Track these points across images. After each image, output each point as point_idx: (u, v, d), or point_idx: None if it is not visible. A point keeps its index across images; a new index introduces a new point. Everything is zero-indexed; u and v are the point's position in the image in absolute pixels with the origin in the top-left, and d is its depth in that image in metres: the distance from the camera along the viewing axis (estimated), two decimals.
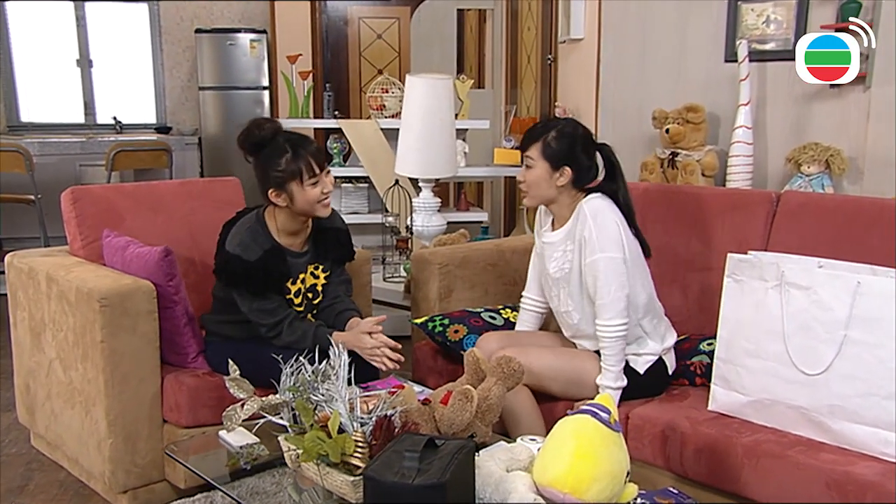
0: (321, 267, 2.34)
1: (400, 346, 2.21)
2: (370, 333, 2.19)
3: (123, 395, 2.17)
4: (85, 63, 6.57)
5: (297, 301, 2.30)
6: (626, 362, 2.13)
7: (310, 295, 2.33)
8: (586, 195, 2.14)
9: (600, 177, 2.18)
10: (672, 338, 2.22)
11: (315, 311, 2.36)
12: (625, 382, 2.09)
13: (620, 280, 2.04)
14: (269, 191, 2.18)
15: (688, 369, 2.23)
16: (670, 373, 2.21)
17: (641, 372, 2.14)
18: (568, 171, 2.09)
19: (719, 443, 1.88)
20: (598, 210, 2.07)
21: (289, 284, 2.27)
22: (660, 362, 2.17)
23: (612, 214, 2.08)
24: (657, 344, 2.16)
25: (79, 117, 6.59)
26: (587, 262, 2.07)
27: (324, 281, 2.36)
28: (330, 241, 2.35)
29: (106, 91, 6.64)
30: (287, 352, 2.11)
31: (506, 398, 2.03)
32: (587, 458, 1.44)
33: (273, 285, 2.20)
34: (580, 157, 2.11)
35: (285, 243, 2.25)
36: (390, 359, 2.17)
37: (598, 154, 2.16)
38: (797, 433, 1.87)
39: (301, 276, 2.29)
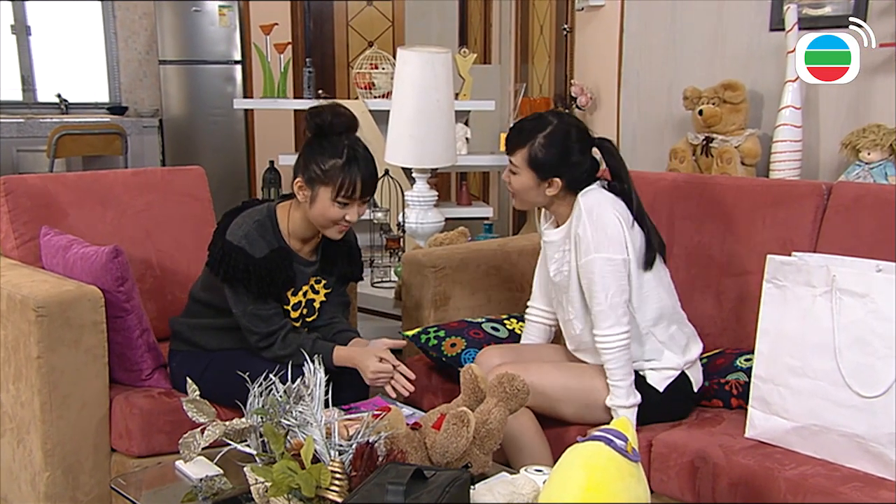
0: (323, 282, 2.37)
1: (414, 377, 2.21)
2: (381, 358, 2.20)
3: (63, 420, 2.17)
4: (22, 30, 6.56)
5: (294, 315, 2.32)
6: (644, 378, 2.14)
7: (305, 311, 2.36)
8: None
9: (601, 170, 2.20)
10: (697, 349, 2.22)
11: (307, 330, 2.38)
12: (638, 399, 2.09)
13: (620, 283, 2.06)
14: (297, 180, 2.22)
15: (722, 389, 2.23)
16: (695, 390, 2.21)
17: (661, 389, 2.14)
18: (558, 181, 2.12)
19: (758, 476, 1.88)
20: (594, 204, 2.09)
21: (289, 295, 2.29)
22: (682, 378, 2.17)
23: (612, 209, 2.09)
24: (677, 356, 2.16)
25: (15, 94, 6.58)
26: (581, 262, 2.09)
27: (323, 298, 2.38)
28: (339, 256, 2.39)
29: (48, 64, 6.64)
30: (272, 365, 2.13)
31: (508, 423, 2.03)
32: (600, 492, 1.43)
33: (275, 290, 2.23)
34: (573, 164, 2.12)
35: (294, 247, 2.29)
36: (404, 386, 2.19)
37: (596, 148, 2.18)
38: (851, 466, 1.86)
39: (304, 287, 2.32)
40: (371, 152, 2.27)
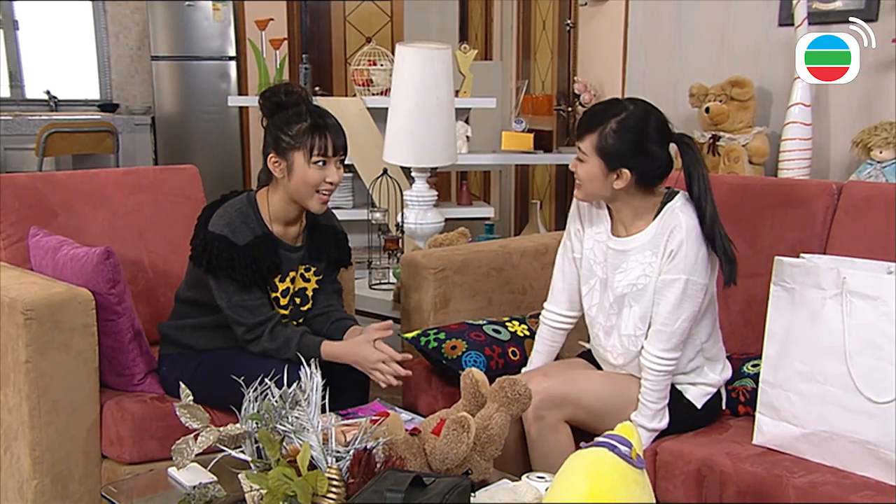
0: (313, 269, 2.39)
1: (410, 357, 2.25)
2: (374, 342, 2.23)
3: (53, 426, 2.16)
4: (9, 24, 6.55)
5: (283, 302, 2.34)
6: (681, 393, 2.14)
7: (298, 299, 2.37)
8: (670, 194, 2.08)
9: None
10: (729, 369, 2.21)
11: (302, 320, 2.40)
12: (663, 424, 2.09)
13: (693, 310, 2.03)
14: (270, 155, 2.25)
15: (729, 396, 2.23)
16: (723, 406, 2.22)
17: (699, 406, 2.14)
18: (627, 173, 2.01)
19: (766, 484, 1.88)
20: (696, 225, 2.02)
21: (276, 281, 2.30)
22: (717, 395, 2.18)
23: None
24: (716, 374, 2.16)
25: (2, 91, 6.58)
26: (665, 278, 2.03)
27: (315, 286, 2.40)
28: (326, 241, 2.41)
29: (36, 60, 6.63)
30: (263, 361, 2.15)
31: (543, 437, 2.05)
32: (603, 500, 1.43)
33: (260, 278, 2.25)
34: (645, 156, 2.01)
35: (277, 233, 2.31)
36: (397, 374, 2.22)
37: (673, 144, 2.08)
38: (863, 474, 1.86)
39: (291, 274, 2.34)
40: (331, 115, 2.28)
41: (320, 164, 2.22)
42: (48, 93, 6.57)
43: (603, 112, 2.03)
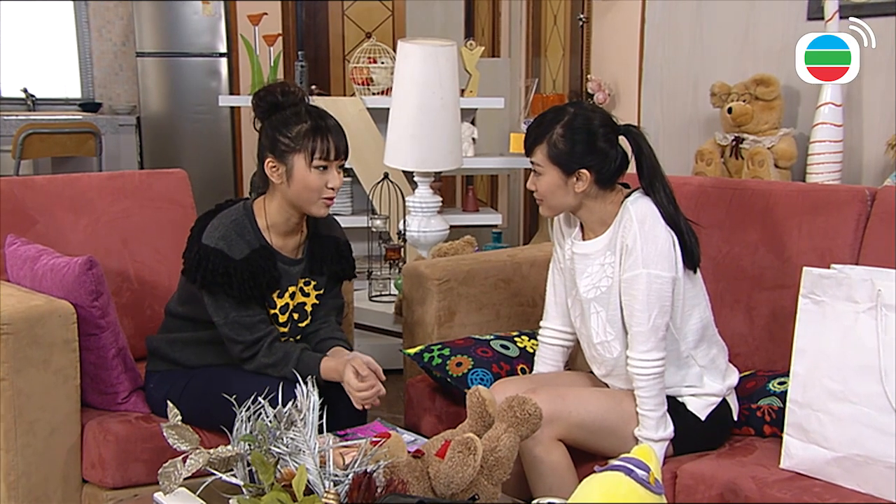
0: (314, 283, 2.39)
1: (383, 380, 2.23)
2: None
3: (30, 448, 2.16)
4: None
5: (282, 319, 2.34)
6: (684, 405, 2.14)
7: (296, 315, 2.37)
8: (628, 193, 2.14)
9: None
10: (734, 375, 2.23)
11: (300, 337, 2.40)
12: (668, 432, 2.09)
13: (663, 304, 2.05)
14: (268, 160, 2.25)
15: (753, 415, 2.23)
16: (735, 418, 2.22)
17: (703, 418, 2.15)
18: (586, 174, 2.09)
19: None
20: (647, 215, 2.07)
21: (275, 297, 2.30)
22: (723, 406, 2.18)
23: (663, 222, 2.08)
24: (717, 383, 2.17)
25: None
26: (626, 276, 2.08)
27: (315, 300, 2.40)
28: (328, 253, 2.41)
29: (13, 56, 6.66)
30: (256, 378, 2.15)
31: (536, 458, 2.05)
32: None
33: (258, 293, 2.25)
34: (600, 152, 2.09)
35: (276, 245, 2.31)
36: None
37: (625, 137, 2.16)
38: None
39: (291, 289, 2.34)
40: (330, 115, 2.29)
41: (322, 168, 2.22)
42: (25, 91, 6.60)
43: (548, 121, 2.13)
